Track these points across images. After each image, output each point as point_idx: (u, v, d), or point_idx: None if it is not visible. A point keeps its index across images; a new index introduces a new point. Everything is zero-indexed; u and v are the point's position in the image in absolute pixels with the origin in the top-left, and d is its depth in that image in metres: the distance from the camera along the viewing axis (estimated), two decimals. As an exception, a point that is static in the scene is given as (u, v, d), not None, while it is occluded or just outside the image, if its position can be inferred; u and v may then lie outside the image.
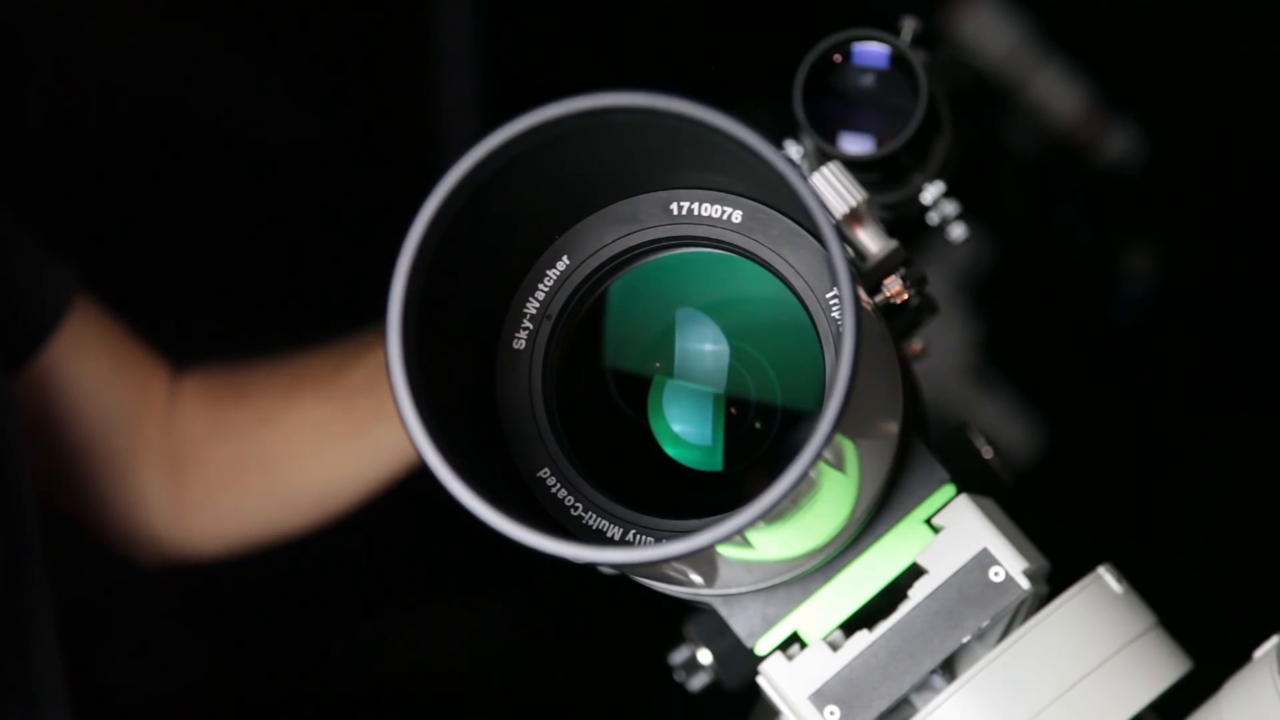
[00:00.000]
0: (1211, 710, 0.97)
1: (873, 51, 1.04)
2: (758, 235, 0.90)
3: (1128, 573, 0.97)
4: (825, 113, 1.03)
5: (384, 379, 0.80)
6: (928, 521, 0.94)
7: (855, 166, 1.02)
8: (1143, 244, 2.34)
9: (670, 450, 0.93)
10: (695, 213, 0.91)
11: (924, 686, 0.95)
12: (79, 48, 2.36)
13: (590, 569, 0.86)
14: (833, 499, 0.88)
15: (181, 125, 2.40)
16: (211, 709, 2.33)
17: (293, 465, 1.47)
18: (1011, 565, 0.93)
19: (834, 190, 0.97)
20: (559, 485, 0.90)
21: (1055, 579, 0.99)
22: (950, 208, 1.09)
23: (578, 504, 0.90)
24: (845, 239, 0.97)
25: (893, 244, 0.98)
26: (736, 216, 0.91)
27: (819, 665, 0.93)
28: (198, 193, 2.41)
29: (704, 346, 0.93)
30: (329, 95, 2.46)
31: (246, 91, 2.41)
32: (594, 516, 0.90)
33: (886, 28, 1.05)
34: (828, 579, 0.94)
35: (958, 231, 1.10)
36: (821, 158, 1.03)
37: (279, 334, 2.35)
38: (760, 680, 0.95)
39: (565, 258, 0.92)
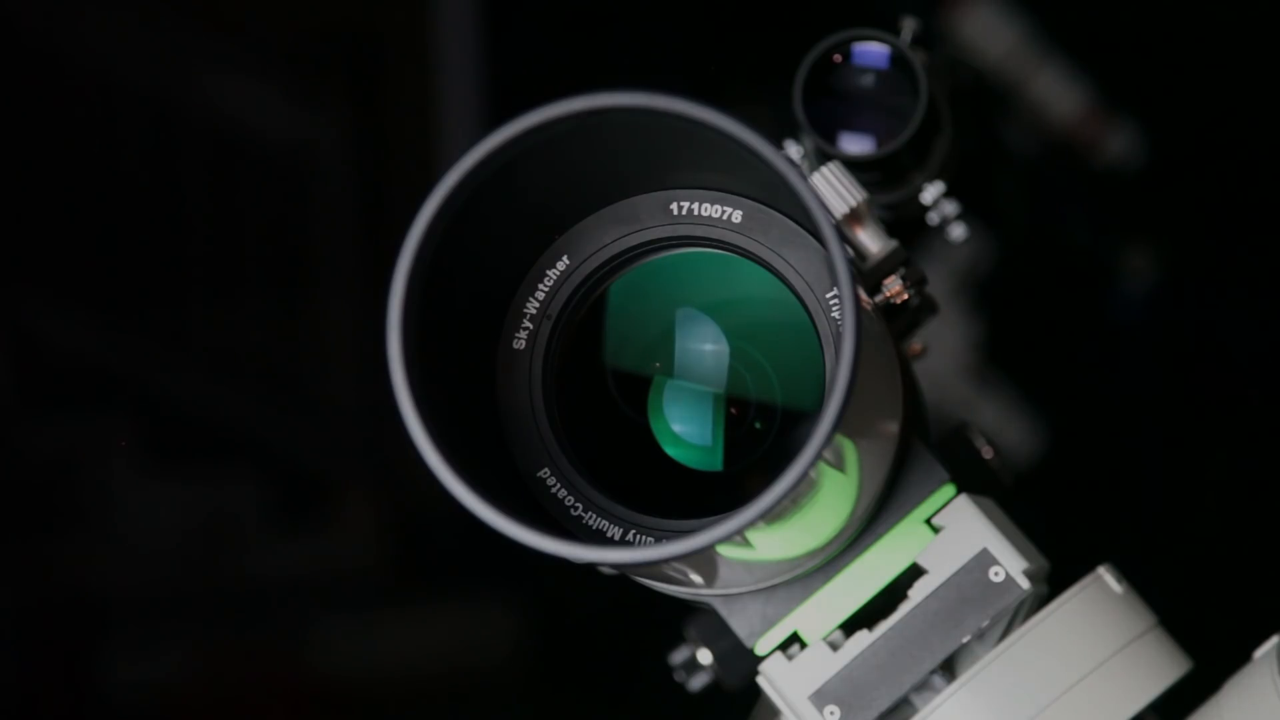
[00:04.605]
0: (1211, 710, 0.97)
1: (873, 51, 1.04)
2: (758, 235, 0.90)
3: (1128, 573, 0.97)
4: (825, 113, 1.03)
5: None
6: (928, 521, 0.94)
7: (855, 166, 1.02)
8: (1143, 244, 2.34)
9: (670, 450, 0.93)
10: (695, 213, 0.91)
11: (924, 686, 0.95)
12: (75, 46, 2.36)
13: (590, 569, 0.86)
14: (833, 499, 0.88)
15: (181, 124, 2.39)
16: (211, 709, 2.33)
17: None
18: (1011, 565, 0.93)
19: (834, 190, 0.97)
20: (559, 485, 0.90)
21: (1055, 579, 0.99)
22: (950, 208, 1.09)
23: (578, 504, 0.90)
24: (845, 239, 0.97)
25: (893, 244, 0.98)
26: (736, 216, 0.91)
27: (819, 665, 0.93)
28: (196, 192, 2.41)
29: (704, 346, 0.93)
30: (329, 95, 2.46)
31: (246, 91, 2.41)
32: (594, 516, 0.90)
33: (886, 28, 1.05)
34: (828, 579, 0.94)
35: (958, 231, 1.10)
36: (821, 158, 1.03)
37: (278, 333, 2.36)
38: (760, 680, 0.95)
39: (565, 258, 0.92)
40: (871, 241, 0.99)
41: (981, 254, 2.23)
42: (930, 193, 1.08)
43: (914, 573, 0.94)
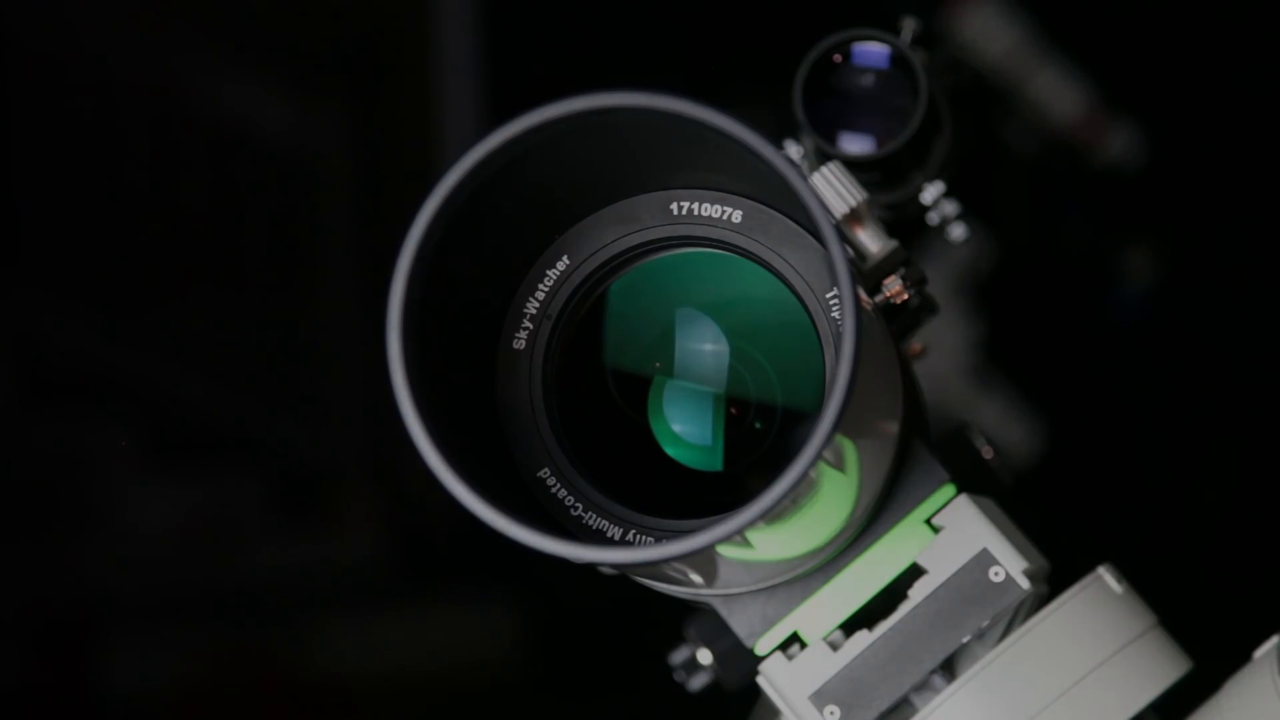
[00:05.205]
0: (1211, 710, 0.97)
1: (873, 51, 1.04)
2: (758, 235, 0.90)
3: (1128, 573, 0.97)
4: (825, 113, 1.03)
5: None
6: (928, 521, 0.94)
7: (855, 166, 1.02)
8: (1143, 244, 2.34)
9: (670, 450, 0.93)
10: (695, 213, 0.91)
11: (924, 686, 0.95)
12: (75, 46, 2.36)
13: (590, 569, 0.86)
14: (833, 499, 0.88)
15: (181, 124, 2.40)
16: (211, 708, 2.33)
17: None
18: (1011, 565, 0.93)
19: (834, 190, 0.97)
20: (559, 485, 0.90)
21: (1055, 579, 0.99)
22: (950, 208, 1.09)
23: (578, 504, 0.90)
24: (845, 239, 0.97)
25: (893, 244, 0.98)
26: (736, 216, 0.91)
27: (819, 665, 0.93)
28: (197, 192, 2.41)
29: (704, 346, 0.93)
30: (329, 96, 2.46)
31: (246, 92, 2.41)
32: (594, 516, 0.90)
33: (886, 28, 1.05)
34: (828, 579, 0.94)
35: (958, 231, 1.10)
36: (821, 158, 1.03)
37: (278, 333, 2.36)
38: (760, 680, 0.95)
39: (565, 258, 0.92)
40: (871, 241, 0.99)
41: (981, 254, 2.23)
42: (930, 193, 1.08)
43: (914, 573, 0.94)
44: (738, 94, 2.17)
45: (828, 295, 0.89)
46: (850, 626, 0.94)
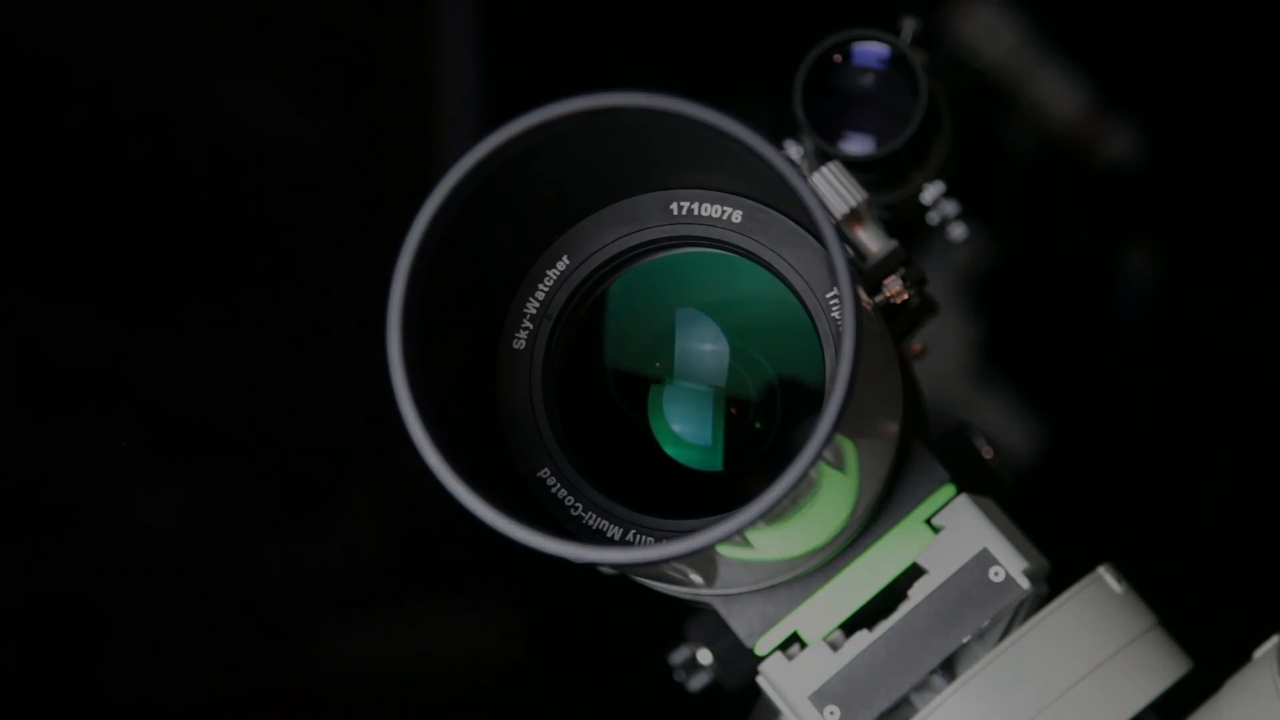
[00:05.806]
0: (1211, 710, 0.97)
1: (873, 51, 1.05)
2: (758, 235, 0.90)
3: (1128, 573, 0.97)
4: (825, 113, 1.04)
5: None
6: (928, 521, 0.94)
7: (855, 166, 1.02)
8: (1143, 244, 2.34)
9: (670, 450, 0.93)
10: (695, 213, 0.91)
11: (924, 686, 0.95)
12: (73, 45, 2.36)
13: (590, 569, 0.86)
14: (833, 499, 0.88)
15: (179, 125, 2.40)
16: (211, 708, 2.33)
17: None
18: (1011, 565, 0.93)
19: (834, 190, 0.97)
20: (559, 485, 0.90)
21: (1055, 579, 0.99)
22: (950, 208, 1.09)
23: (578, 504, 0.90)
24: (845, 239, 0.98)
25: (893, 244, 0.99)
26: (736, 216, 0.91)
27: (819, 665, 0.93)
28: (196, 191, 2.41)
29: (704, 346, 0.93)
30: (328, 95, 2.46)
31: (245, 91, 2.41)
32: (594, 516, 0.90)
33: (886, 28, 1.05)
34: (828, 579, 0.94)
35: (958, 231, 1.10)
36: (821, 158, 1.03)
37: (278, 333, 2.36)
38: (760, 680, 0.95)
39: (565, 258, 0.92)
40: (871, 241, 0.99)
41: (981, 254, 2.23)
42: (930, 193, 1.08)
43: (914, 573, 0.94)
44: (737, 93, 2.17)
45: (828, 295, 0.89)
46: (850, 626, 0.94)
